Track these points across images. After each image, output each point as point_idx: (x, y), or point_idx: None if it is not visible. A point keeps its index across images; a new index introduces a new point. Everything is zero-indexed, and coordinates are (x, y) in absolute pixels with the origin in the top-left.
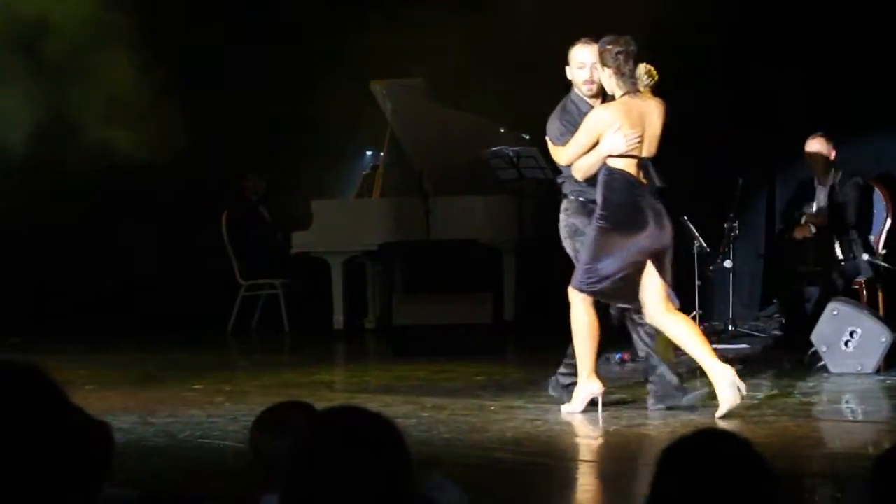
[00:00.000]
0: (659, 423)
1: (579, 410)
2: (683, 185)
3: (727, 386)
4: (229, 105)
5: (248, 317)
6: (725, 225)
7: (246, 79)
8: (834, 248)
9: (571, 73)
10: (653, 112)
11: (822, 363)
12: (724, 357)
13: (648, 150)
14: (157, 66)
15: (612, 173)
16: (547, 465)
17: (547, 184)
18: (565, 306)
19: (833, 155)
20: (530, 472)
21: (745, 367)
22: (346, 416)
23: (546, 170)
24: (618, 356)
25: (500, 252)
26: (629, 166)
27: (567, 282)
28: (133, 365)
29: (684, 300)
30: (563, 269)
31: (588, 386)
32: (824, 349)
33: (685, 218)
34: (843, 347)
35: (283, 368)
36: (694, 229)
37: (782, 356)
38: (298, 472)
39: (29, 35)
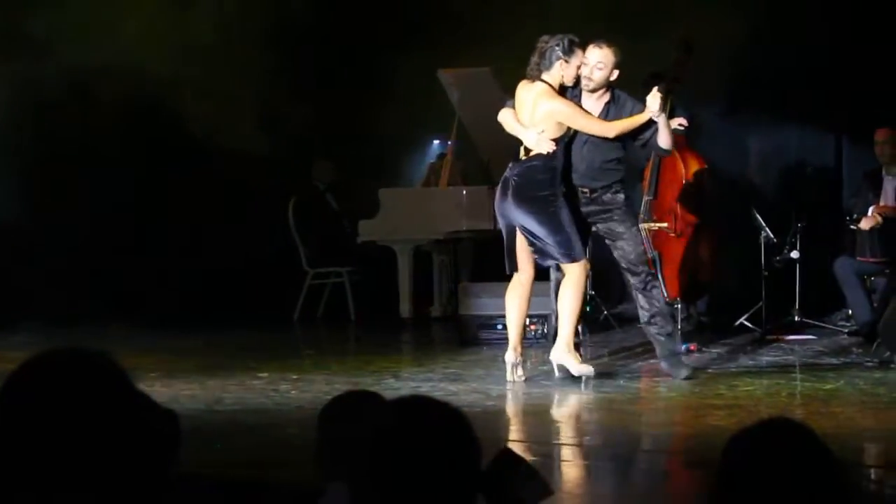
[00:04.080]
0: (725, 413)
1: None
2: (751, 177)
3: None
4: (299, 93)
5: (315, 305)
6: (792, 215)
7: (315, 66)
8: None
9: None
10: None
11: (888, 354)
12: (790, 348)
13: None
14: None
15: None
16: (613, 453)
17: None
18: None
19: None
20: (593, 460)
21: (810, 357)
22: (418, 407)
23: None
24: (684, 346)
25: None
26: None
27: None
28: (199, 353)
29: (752, 290)
30: None
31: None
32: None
33: (752, 208)
34: None
35: (348, 357)
36: (761, 220)
37: (848, 347)
38: (372, 464)
39: None
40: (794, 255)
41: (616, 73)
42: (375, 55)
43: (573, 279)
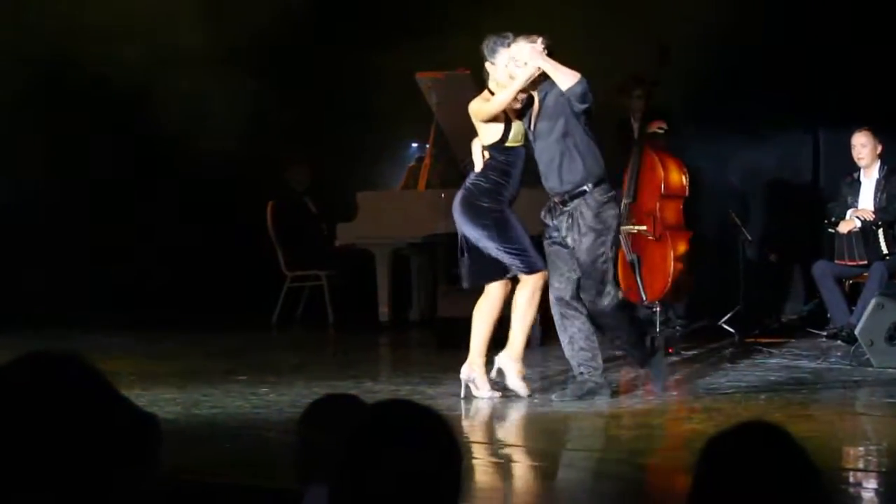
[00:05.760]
0: (703, 417)
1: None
2: (729, 180)
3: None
4: (276, 96)
5: (293, 308)
6: (771, 219)
7: (293, 69)
8: (879, 243)
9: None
10: None
11: (867, 357)
12: (768, 352)
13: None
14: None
15: None
16: (590, 457)
17: None
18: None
19: (880, 149)
20: (574, 464)
21: (789, 360)
22: (397, 411)
23: None
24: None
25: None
26: None
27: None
28: (177, 356)
29: (730, 293)
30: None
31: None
32: (869, 343)
33: (731, 211)
34: (888, 342)
35: (327, 360)
36: (739, 223)
37: (827, 350)
38: (350, 467)
39: None
40: (773, 258)
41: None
42: (354, 58)
43: (529, 289)
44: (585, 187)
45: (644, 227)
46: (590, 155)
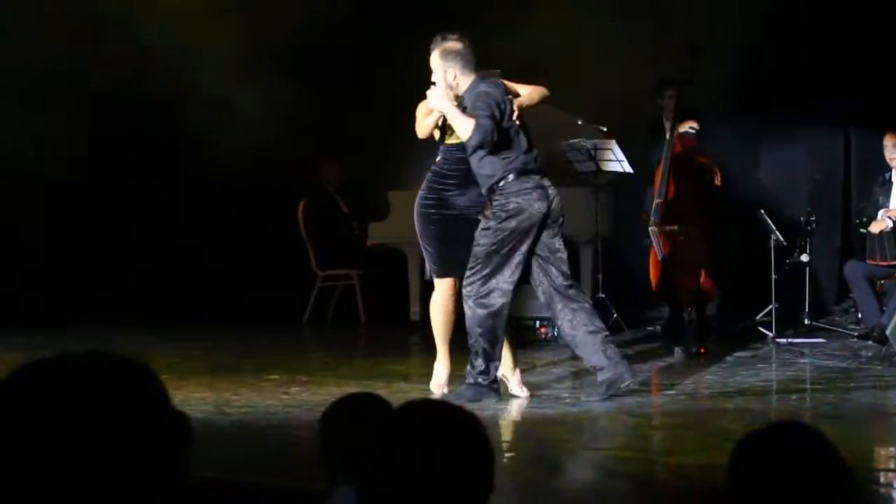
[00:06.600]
0: (734, 417)
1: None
2: (761, 180)
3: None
4: (307, 95)
5: (324, 307)
6: (802, 219)
7: (325, 67)
8: None
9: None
10: None
11: None
12: (799, 352)
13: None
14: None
15: None
16: (622, 457)
17: (624, 176)
18: (641, 298)
19: None
20: (605, 465)
21: (820, 360)
22: (429, 410)
23: (623, 162)
24: (694, 350)
25: (576, 244)
26: None
27: (644, 274)
28: (208, 354)
29: (762, 294)
30: (639, 260)
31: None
32: None
33: (762, 211)
34: None
35: (358, 359)
36: (771, 223)
37: (858, 350)
38: (381, 467)
39: None
40: (804, 258)
41: (453, 73)
42: (385, 56)
43: (437, 293)
44: (494, 184)
45: (675, 227)
46: (502, 152)
